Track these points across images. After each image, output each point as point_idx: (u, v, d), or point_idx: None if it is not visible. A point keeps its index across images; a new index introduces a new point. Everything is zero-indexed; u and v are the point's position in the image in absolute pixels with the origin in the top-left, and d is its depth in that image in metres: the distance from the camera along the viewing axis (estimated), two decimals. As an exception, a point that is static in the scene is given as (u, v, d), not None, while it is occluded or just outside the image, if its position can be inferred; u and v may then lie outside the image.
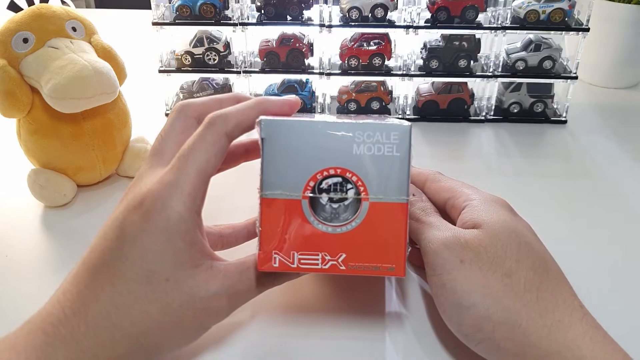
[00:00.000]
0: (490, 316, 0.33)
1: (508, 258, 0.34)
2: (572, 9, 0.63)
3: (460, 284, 0.34)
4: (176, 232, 0.32)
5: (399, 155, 0.33)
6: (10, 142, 0.55)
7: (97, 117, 0.52)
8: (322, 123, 0.33)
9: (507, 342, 0.32)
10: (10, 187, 0.56)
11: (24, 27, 0.49)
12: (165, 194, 0.32)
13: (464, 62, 0.66)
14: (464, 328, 0.34)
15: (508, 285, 0.33)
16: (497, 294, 0.33)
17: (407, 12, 0.63)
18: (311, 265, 0.33)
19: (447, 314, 0.35)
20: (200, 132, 0.34)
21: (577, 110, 0.71)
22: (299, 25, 0.64)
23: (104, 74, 0.49)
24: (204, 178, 0.34)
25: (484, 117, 0.69)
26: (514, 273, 0.34)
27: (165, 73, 0.66)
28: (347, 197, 0.33)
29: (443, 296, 0.35)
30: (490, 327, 0.33)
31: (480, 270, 0.34)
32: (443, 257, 0.35)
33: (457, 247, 0.35)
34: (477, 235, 0.35)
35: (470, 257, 0.34)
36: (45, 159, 0.52)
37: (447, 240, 0.35)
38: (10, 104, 0.49)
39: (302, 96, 0.67)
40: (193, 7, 0.63)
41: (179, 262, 0.32)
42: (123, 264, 0.32)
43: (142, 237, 0.32)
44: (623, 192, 0.56)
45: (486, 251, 0.34)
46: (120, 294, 0.31)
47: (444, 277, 0.35)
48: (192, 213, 0.33)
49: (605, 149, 0.64)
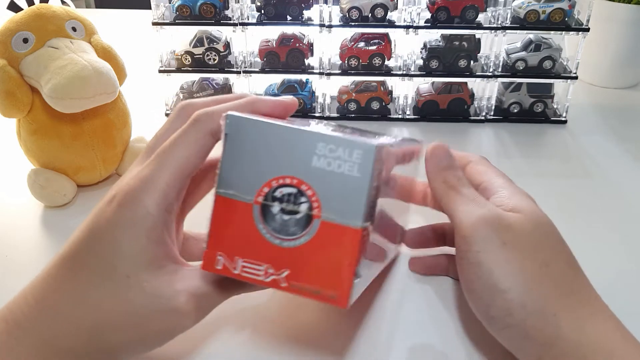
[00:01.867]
0: (525, 302, 0.32)
1: (547, 248, 0.34)
2: (572, 9, 0.63)
3: (499, 266, 0.33)
4: (142, 228, 0.31)
5: (359, 177, 0.29)
6: (10, 142, 0.55)
7: (97, 117, 0.52)
8: (288, 128, 0.31)
9: (537, 331, 0.32)
10: (10, 187, 0.56)
11: (24, 27, 0.49)
12: (137, 188, 0.32)
13: (464, 62, 0.66)
14: (492, 310, 0.33)
15: (546, 274, 0.33)
16: (535, 281, 0.33)
17: (407, 12, 0.63)
18: (253, 275, 0.31)
19: (477, 294, 0.34)
20: (184, 129, 0.33)
21: (577, 110, 0.71)
22: (299, 25, 0.64)
23: (104, 74, 0.49)
24: (182, 176, 0.33)
25: (484, 117, 0.69)
26: (551, 263, 0.33)
27: (165, 73, 0.66)
28: (299, 211, 0.30)
29: (476, 275, 0.34)
30: (523, 313, 0.32)
31: (520, 255, 0.33)
32: (482, 235, 0.34)
33: (499, 227, 0.34)
34: (519, 219, 0.34)
35: (512, 240, 0.34)
36: (45, 159, 0.52)
37: (488, 217, 0.34)
38: (10, 104, 0.49)
39: (302, 96, 0.67)
40: (193, 7, 0.63)
41: (142, 259, 0.31)
42: (88, 256, 0.31)
43: (109, 230, 0.31)
44: (623, 192, 0.56)
45: (528, 237, 0.34)
46: (82, 286, 0.31)
47: (482, 256, 0.33)
48: (161, 210, 0.32)
49: (605, 149, 0.64)
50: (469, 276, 0.34)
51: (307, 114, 0.69)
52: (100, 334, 0.31)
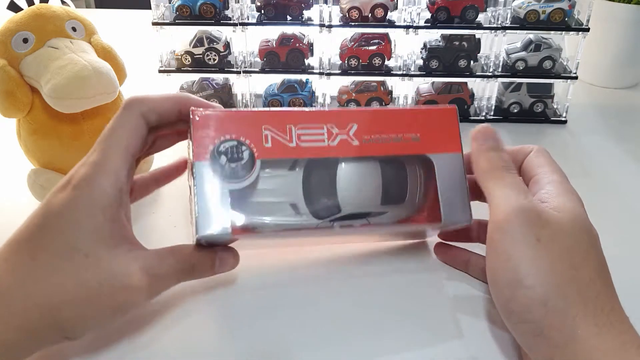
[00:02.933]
0: (546, 301, 0.32)
1: (580, 252, 0.33)
2: (572, 9, 0.63)
3: (528, 263, 0.33)
4: (99, 207, 0.34)
5: None
6: (10, 142, 0.55)
7: (97, 117, 0.52)
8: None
9: (553, 331, 0.32)
10: (10, 187, 0.56)
11: (24, 27, 0.49)
12: (90, 172, 0.35)
13: (464, 62, 0.66)
14: (513, 305, 0.33)
15: (573, 277, 0.32)
16: (561, 282, 0.32)
17: (407, 12, 0.63)
18: None
19: (500, 285, 0.34)
20: (118, 115, 0.37)
21: (577, 110, 0.71)
22: (299, 25, 0.64)
23: (104, 74, 0.49)
24: (127, 156, 0.36)
25: (484, 117, 0.69)
26: (580, 268, 0.33)
27: (165, 73, 0.66)
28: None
29: (502, 266, 0.33)
30: (543, 312, 0.32)
31: (551, 254, 0.33)
32: (518, 227, 0.33)
33: (537, 222, 0.33)
34: (558, 219, 0.34)
35: (547, 238, 0.33)
36: (45, 159, 0.52)
37: (527, 209, 0.34)
38: (10, 104, 0.49)
39: (302, 96, 0.67)
40: (193, 7, 0.63)
41: (100, 237, 0.34)
42: (45, 238, 0.33)
43: (65, 212, 0.33)
44: (623, 192, 0.56)
45: (563, 238, 0.33)
46: (39, 267, 0.32)
47: (512, 249, 0.33)
48: (115, 190, 0.35)
49: (605, 149, 0.64)
50: (495, 265, 0.34)
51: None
52: (58, 311, 0.32)
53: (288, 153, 0.39)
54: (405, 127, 0.41)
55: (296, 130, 0.39)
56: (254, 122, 0.39)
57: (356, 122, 0.40)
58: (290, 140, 0.39)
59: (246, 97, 0.68)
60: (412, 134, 0.41)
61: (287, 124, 0.39)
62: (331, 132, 0.39)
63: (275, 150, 0.38)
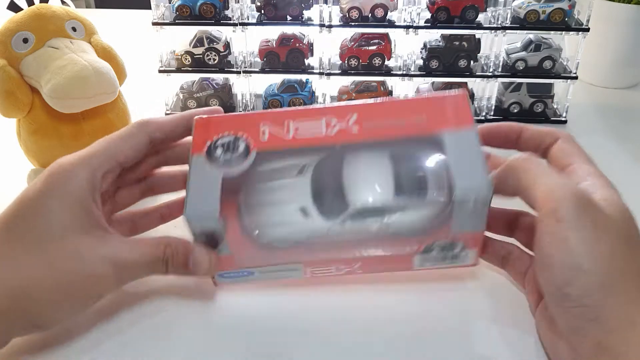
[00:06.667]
0: (607, 285, 0.31)
1: (632, 241, 0.33)
2: (572, 9, 0.63)
3: (587, 246, 0.32)
4: (73, 197, 0.35)
5: None
6: (10, 142, 0.55)
7: (97, 117, 0.52)
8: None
9: (612, 315, 0.31)
10: (11, 187, 0.55)
11: (24, 27, 0.49)
12: (70, 163, 0.36)
13: (464, 62, 0.66)
14: (570, 289, 0.32)
15: (629, 264, 0.32)
16: (621, 267, 0.32)
17: (407, 12, 0.63)
18: None
19: (554, 270, 0.33)
20: (126, 127, 0.40)
21: (577, 110, 0.71)
22: (299, 25, 0.64)
23: (104, 74, 0.49)
24: (113, 161, 0.38)
25: (484, 117, 0.69)
26: (630, 258, 0.33)
27: (165, 73, 0.66)
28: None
29: (559, 250, 0.32)
30: (602, 295, 0.31)
31: (611, 239, 0.32)
32: (574, 210, 0.32)
33: (593, 207, 0.33)
34: (610, 209, 0.34)
35: (604, 224, 0.33)
36: (45, 159, 0.52)
37: (580, 194, 0.33)
38: (10, 104, 0.49)
39: (302, 96, 0.67)
40: (193, 7, 0.63)
41: (72, 225, 0.35)
42: (19, 225, 0.35)
43: (40, 199, 0.35)
44: (623, 192, 0.56)
45: (617, 225, 0.33)
46: (10, 252, 0.34)
47: (570, 232, 0.32)
48: (90, 185, 0.36)
49: (605, 149, 0.64)
50: (550, 250, 0.33)
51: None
52: (28, 297, 0.33)
53: (284, 144, 0.38)
54: (410, 112, 0.39)
55: (293, 124, 0.39)
56: (253, 121, 0.39)
57: (356, 112, 0.39)
58: (287, 132, 0.39)
59: (246, 97, 0.68)
60: (416, 117, 0.39)
61: (285, 119, 0.39)
62: (329, 123, 0.39)
63: (271, 143, 0.38)
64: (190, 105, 0.68)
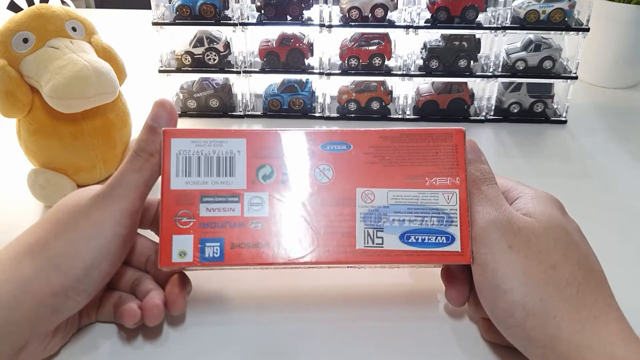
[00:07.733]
0: (525, 304, 0.33)
1: (556, 251, 0.34)
2: (572, 9, 0.63)
3: (503, 267, 0.34)
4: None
5: None
6: (10, 142, 0.55)
7: (97, 117, 0.52)
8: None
9: (537, 332, 0.33)
10: (10, 187, 0.56)
11: (24, 27, 0.49)
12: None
13: (464, 62, 0.66)
14: (496, 311, 0.34)
15: (551, 276, 0.33)
16: (537, 284, 0.33)
17: (407, 12, 0.63)
18: None
19: (484, 294, 0.35)
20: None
21: (577, 110, 0.71)
22: (299, 25, 0.64)
23: (104, 74, 0.49)
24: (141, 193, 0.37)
25: (484, 117, 0.69)
26: (559, 266, 0.34)
27: (165, 73, 0.66)
28: None
29: (482, 275, 0.35)
30: (523, 315, 0.33)
31: (526, 258, 0.34)
32: (492, 238, 0.35)
33: (508, 231, 0.35)
34: (530, 224, 0.35)
35: (520, 244, 0.34)
36: (45, 159, 0.52)
37: (499, 221, 0.35)
38: (10, 104, 0.49)
39: (302, 96, 0.67)
40: (193, 7, 0.63)
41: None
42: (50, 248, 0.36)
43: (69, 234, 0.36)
44: (623, 192, 0.56)
45: (537, 241, 0.35)
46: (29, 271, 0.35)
47: (488, 257, 0.35)
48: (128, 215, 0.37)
49: (605, 149, 0.64)
50: (477, 277, 0.36)
51: (307, 114, 0.69)
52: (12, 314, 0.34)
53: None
54: None
55: None
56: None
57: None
58: None
59: (246, 97, 0.68)
60: None
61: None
62: None
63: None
64: (190, 105, 0.68)
